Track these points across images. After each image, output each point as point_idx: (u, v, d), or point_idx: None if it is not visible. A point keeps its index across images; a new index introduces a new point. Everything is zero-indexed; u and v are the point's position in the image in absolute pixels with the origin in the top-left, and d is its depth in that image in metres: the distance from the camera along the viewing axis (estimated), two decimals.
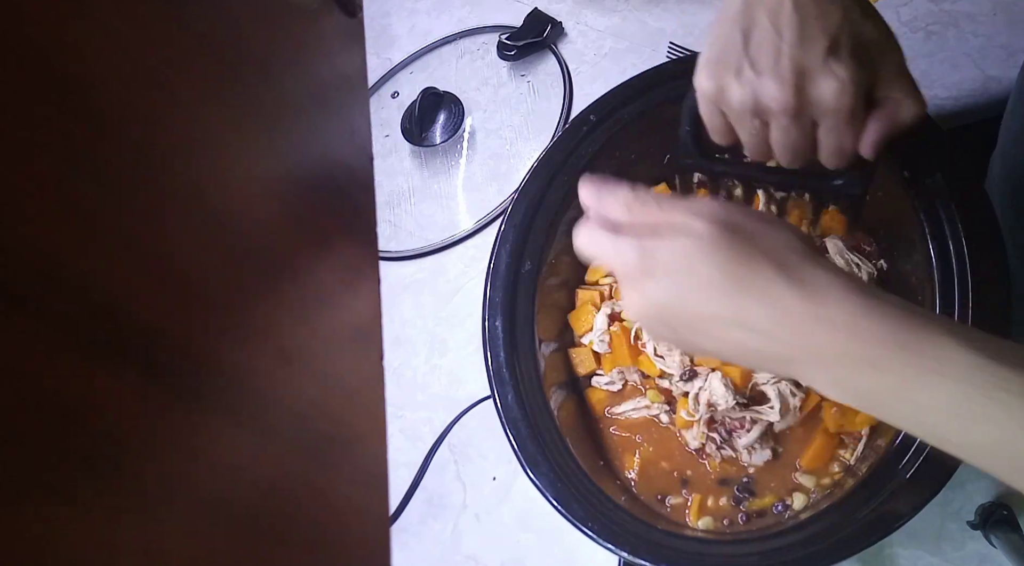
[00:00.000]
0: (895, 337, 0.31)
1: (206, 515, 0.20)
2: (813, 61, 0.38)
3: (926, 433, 0.31)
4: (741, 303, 0.34)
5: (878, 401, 0.32)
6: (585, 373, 0.61)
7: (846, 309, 0.33)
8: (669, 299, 0.36)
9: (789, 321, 0.33)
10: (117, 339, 0.17)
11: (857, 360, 0.32)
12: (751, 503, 0.54)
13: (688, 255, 0.35)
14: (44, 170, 0.15)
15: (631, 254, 0.36)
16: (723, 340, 0.35)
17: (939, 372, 0.30)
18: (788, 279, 0.34)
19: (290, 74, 0.28)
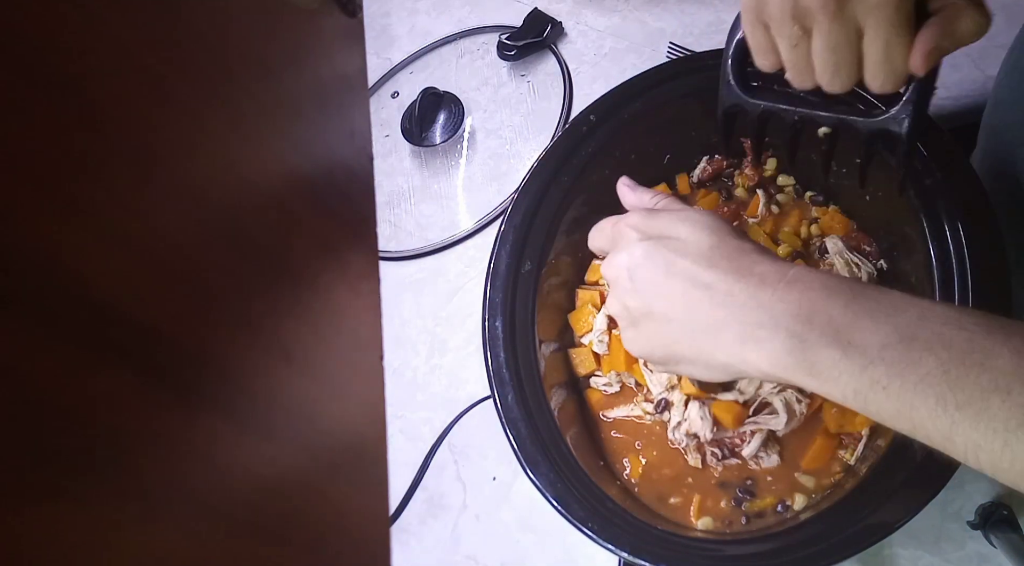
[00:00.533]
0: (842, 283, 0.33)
1: (206, 515, 0.20)
2: None
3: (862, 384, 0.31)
4: (710, 258, 0.37)
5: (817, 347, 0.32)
6: (585, 373, 0.61)
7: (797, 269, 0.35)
8: (647, 249, 0.39)
9: (751, 278, 0.35)
10: (117, 339, 0.17)
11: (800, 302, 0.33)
12: (752, 504, 0.54)
13: (683, 216, 0.39)
14: (43, 170, 0.15)
15: (637, 213, 0.41)
16: (678, 301, 0.37)
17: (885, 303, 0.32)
18: (762, 252, 0.37)
19: (290, 74, 0.28)
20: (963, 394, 0.28)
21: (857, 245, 0.59)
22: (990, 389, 0.27)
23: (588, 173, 0.60)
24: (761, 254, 0.37)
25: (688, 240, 0.38)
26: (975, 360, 0.28)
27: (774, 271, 0.35)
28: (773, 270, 0.35)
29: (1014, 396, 0.27)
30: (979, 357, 0.28)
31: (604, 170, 0.61)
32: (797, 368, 0.33)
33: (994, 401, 0.27)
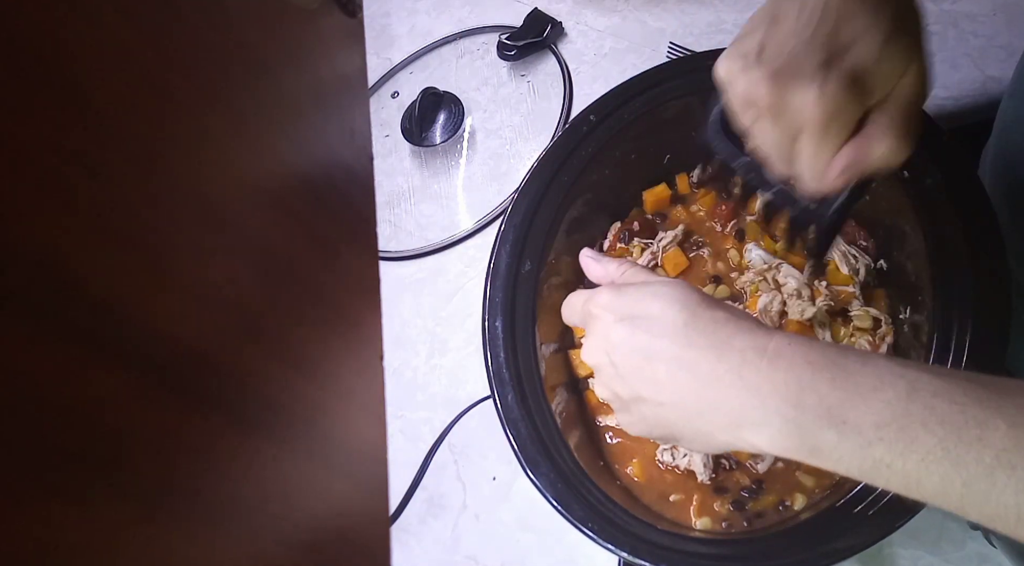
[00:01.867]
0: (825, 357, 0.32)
1: (205, 515, 0.20)
2: (806, 65, 0.36)
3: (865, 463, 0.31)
4: (687, 337, 0.36)
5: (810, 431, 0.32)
6: (585, 375, 0.61)
7: (777, 340, 0.34)
8: (623, 333, 0.38)
9: (723, 351, 0.35)
10: (118, 339, 0.17)
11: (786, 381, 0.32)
12: (753, 504, 0.54)
13: (653, 291, 0.38)
14: (44, 170, 0.15)
15: (605, 292, 0.41)
16: (665, 385, 0.36)
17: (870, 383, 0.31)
18: (731, 321, 0.36)
19: (290, 74, 0.28)
20: (967, 472, 0.28)
21: (854, 240, 0.59)
22: (994, 466, 0.27)
23: (588, 173, 0.60)
24: (736, 324, 0.36)
25: (661, 318, 0.37)
26: (973, 435, 0.28)
27: (753, 346, 0.34)
28: (752, 345, 0.34)
29: (1018, 471, 0.27)
30: (976, 432, 0.28)
31: (604, 170, 0.61)
32: (798, 451, 0.33)
33: (1000, 478, 0.27)
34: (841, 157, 0.37)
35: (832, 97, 0.35)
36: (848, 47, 0.35)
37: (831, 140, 0.37)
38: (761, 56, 0.37)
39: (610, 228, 0.65)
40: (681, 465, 0.56)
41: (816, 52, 0.35)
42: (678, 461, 0.56)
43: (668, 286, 0.38)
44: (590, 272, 0.47)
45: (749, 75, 0.38)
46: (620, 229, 0.64)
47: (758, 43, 0.38)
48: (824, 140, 0.37)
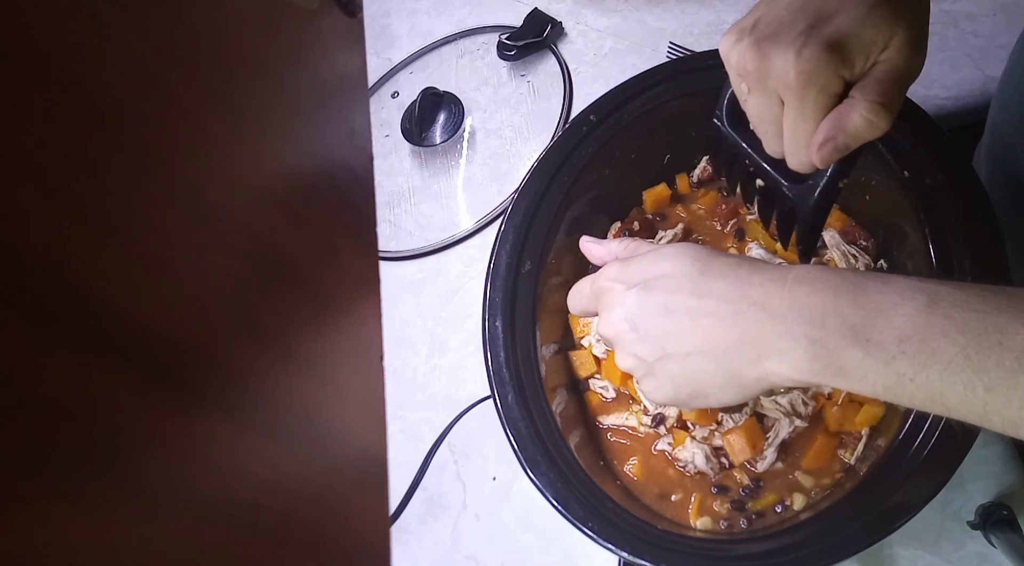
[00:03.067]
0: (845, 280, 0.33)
1: (205, 515, 0.20)
2: (789, 31, 0.36)
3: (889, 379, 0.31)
4: (705, 285, 0.36)
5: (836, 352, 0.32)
6: (585, 376, 0.61)
7: (797, 269, 0.34)
8: (638, 298, 0.38)
9: (744, 289, 0.35)
10: (117, 339, 0.17)
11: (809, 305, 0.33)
12: (752, 504, 0.54)
13: (660, 254, 0.39)
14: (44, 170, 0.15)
15: (613, 266, 0.41)
16: (689, 334, 0.36)
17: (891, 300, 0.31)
18: (745, 261, 0.37)
19: (290, 74, 0.28)
20: (989, 377, 0.28)
21: (854, 240, 0.59)
22: (1015, 368, 0.28)
23: (588, 173, 0.60)
24: (751, 264, 0.36)
25: (675, 274, 0.37)
26: (993, 340, 0.28)
27: (773, 278, 0.35)
28: (772, 277, 0.35)
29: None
30: (996, 337, 0.28)
31: (604, 170, 0.61)
32: (825, 372, 0.33)
33: (1021, 381, 0.28)
34: (822, 127, 0.37)
35: (809, 59, 0.35)
36: (833, 15, 0.35)
37: (811, 106, 0.36)
38: (755, 29, 0.38)
39: (610, 228, 0.65)
40: (681, 458, 0.56)
41: (801, 20, 0.36)
42: (677, 453, 0.56)
43: (675, 246, 0.39)
44: (592, 254, 0.47)
45: (741, 46, 0.38)
46: (620, 229, 0.64)
47: (755, 17, 0.38)
48: (804, 105, 0.36)
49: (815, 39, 0.35)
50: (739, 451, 0.54)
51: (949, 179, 0.49)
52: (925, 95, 0.67)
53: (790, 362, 0.34)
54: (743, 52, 0.38)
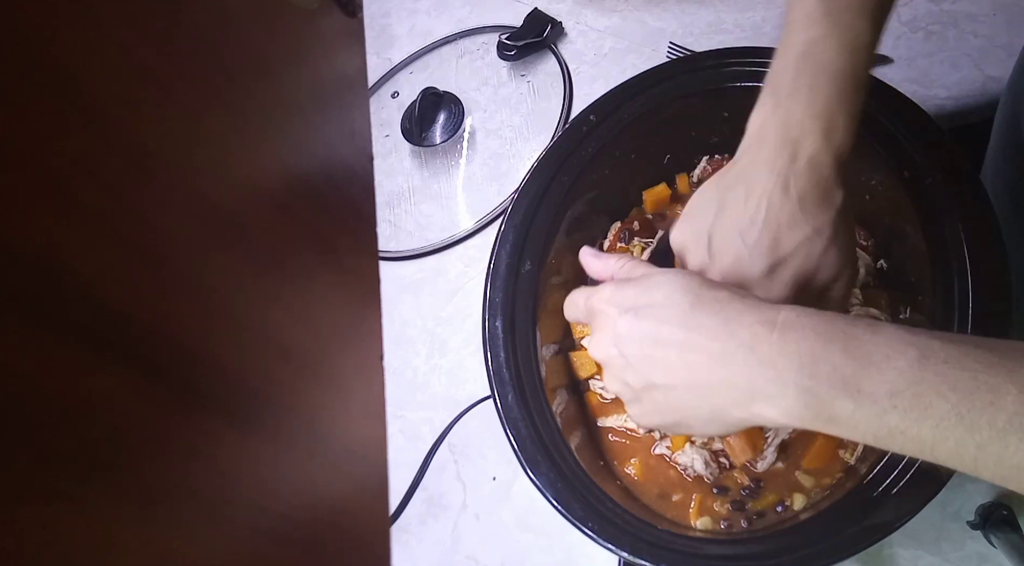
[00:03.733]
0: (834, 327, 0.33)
1: (205, 515, 0.20)
2: (755, 272, 0.40)
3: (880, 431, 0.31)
4: (695, 318, 0.36)
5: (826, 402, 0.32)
6: (586, 377, 0.61)
7: (786, 312, 0.34)
8: (629, 324, 0.38)
9: (733, 328, 0.35)
10: (117, 339, 0.17)
11: (798, 353, 0.33)
12: (752, 503, 0.54)
13: (655, 281, 0.38)
14: (44, 170, 0.15)
15: (607, 287, 0.41)
16: (677, 368, 0.36)
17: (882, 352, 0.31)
18: (736, 298, 0.36)
19: (290, 74, 0.28)
20: (981, 436, 0.29)
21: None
22: (1006, 429, 0.28)
23: (588, 173, 0.60)
24: (742, 301, 0.36)
25: (666, 304, 0.37)
26: (985, 400, 0.28)
27: (762, 320, 0.34)
28: (761, 319, 0.34)
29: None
30: (988, 396, 0.28)
31: (604, 170, 0.61)
32: (815, 419, 0.33)
33: (1012, 441, 0.28)
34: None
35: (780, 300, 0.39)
36: (788, 257, 0.40)
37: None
38: (711, 247, 0.42)
39: (610, 228, 0.65)
40: (681, 462, 0.56)
41: (760, 260, 0.40)
42: (677, 457, 0.56)
43: (669, 275, 0.39)
44: (590, 269, 0.47)
45: (699, 258, 0.43)
46: (620, 228, 0.64)
47: (707, 228, 0.42)
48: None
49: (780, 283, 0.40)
50: (739, 452, 0.54)
51: (949, 179, 0.49)
52: (925, 95, 0.67)
53: (779, 408, 0.33)
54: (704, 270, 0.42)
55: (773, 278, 0.40)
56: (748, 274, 0.40)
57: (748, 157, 0.41)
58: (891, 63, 0.69)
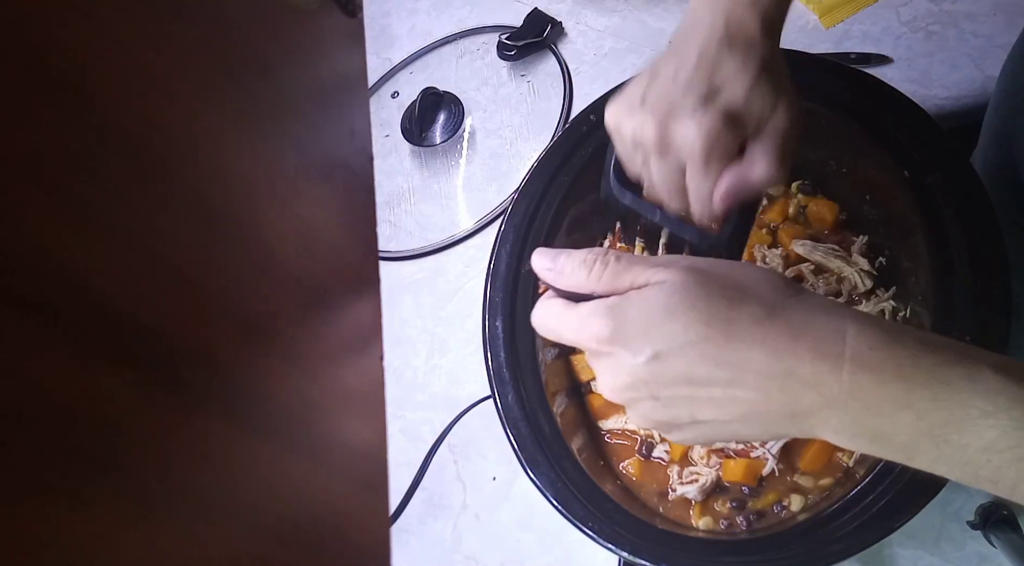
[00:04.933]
0: (919, 368, 0.28)
1: (205, 515, 0.20)
2: (685, 104, 0.39)
3: (966, 475, 0.28)
4: (735, 354, 0.30)
5: (907, 444, 0.29)
6: (587, 380, 0.61)
7: (853, 342, 0.29)
8: (651, 370, 0.31)
9: (789, 363, 0.30)
10: (117, 339, 0.17)
11: (876, 398, 0.28)
12: (753, 503, 0.54)
13: (660, 305, 0.31)
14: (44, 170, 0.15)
15: (597, 321, 0.33)
16: (726, 405, 0.31)
17: (980, 407, 0.27)
18: (776, 317, 0.30)
19: (290, 74, 0.28)
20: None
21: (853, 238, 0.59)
22: None
23: (588, 173, 0.60)
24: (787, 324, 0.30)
25: (690, 341, 0.31)
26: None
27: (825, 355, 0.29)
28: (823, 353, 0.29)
29: None
30: None
31: None
32: (891, 456, 0.30)
33: None
34: (723, 181, 0.40)
35: (709, 128, 0.39)
36: (719, 89, 0.40)
37: (712, 166, 0.40)
38: (644, 102, 0.41)
39: (610, 227, 0.65)
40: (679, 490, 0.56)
41: (692, 94, 0.40)
42: (681, 490, 0.56)
43: (667, 291, 0.32)
44: (549, 279, 0.36)
45: (634, 119, 0.41)
46: (621, 227, 0.64)
47: (641, 92, 0.41)
48: (707, 167, 0.40)
49: (712, 110, 0.39)
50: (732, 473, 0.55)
51: (949, 178, 0.49)
52: (925, 95, 0.67)
53: (847, 442, 0.30)
54: (640, 125, 0.41)
55: (707, 108, 0.39)
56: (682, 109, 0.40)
57: (680, 33, 0.42)
58: (891, 63, 0.69)
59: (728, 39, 0.40)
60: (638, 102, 0.41)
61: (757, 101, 0.40)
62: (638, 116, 0.41)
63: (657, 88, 0.41)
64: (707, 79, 0.40)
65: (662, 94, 0.41)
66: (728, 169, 0.40)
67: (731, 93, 0.40)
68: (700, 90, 0.40)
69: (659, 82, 0.41)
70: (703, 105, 0.39)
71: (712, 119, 0.39)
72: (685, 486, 0.55)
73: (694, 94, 0.39)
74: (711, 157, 0.39)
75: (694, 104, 0.39)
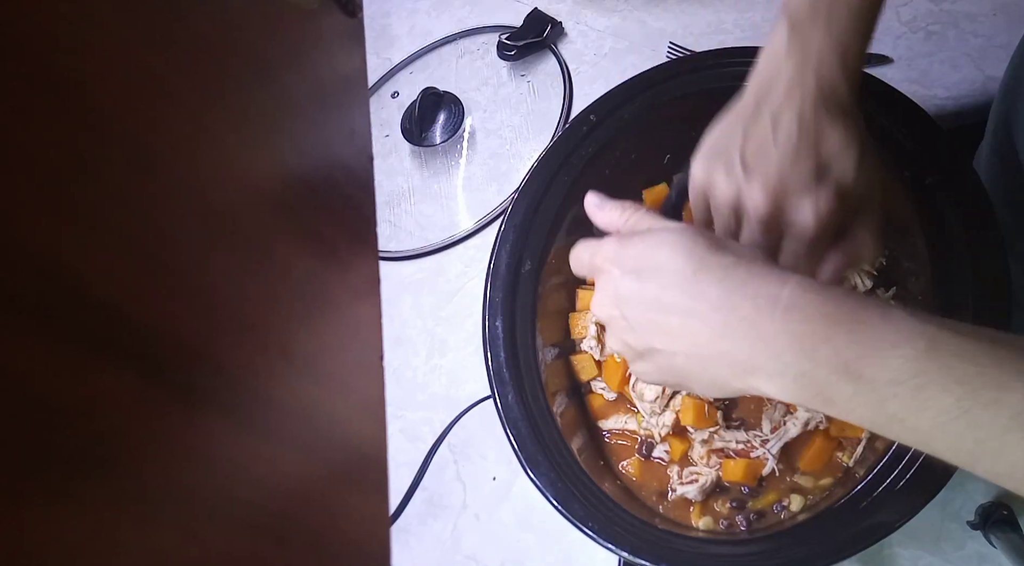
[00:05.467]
0: (841, 309, 0.32)
1: (205, 515, 0.20)
2: (799, 179, 0.39)
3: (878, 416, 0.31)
4: (698, 286, 0.35)
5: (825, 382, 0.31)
6: (587, 379, 0.61)
7: (792, 289, 0.33)
8: (631, 287, 0.37)
9: (736, 300, 0.34)
10: (117, 339, 0.17)
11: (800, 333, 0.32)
12: (753, 503, 0.54)
13: (657, 240, 0.37)
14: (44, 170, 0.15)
15: (610, 244, 0.39)
16: (678, 335, 0.36)
17: (888, 339, 0.30)
18: (740, 266, 0.35)
19: (290, 74, 0.28)
20: (980, 432, 0.28)
21: None
22: (1008, 427, 0.28)
23: (588, 173, 0.60)
24: (747, 269, 0.35)
25: (669, 268, 0.36)
26: (990, 397, 0.28)
27: (766, 294, 0.33)
28: (765, 293, 0.33)
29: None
30: (993, 393, 0.28)
31: (604, 170, 0.61)
32: (812, 400, 0.32)
33: (1011, 439, 0.28)
34: (831, 262, 0.42)
35: (827, 212, 0.39)
36: (829, 165, 0.39)
37: (822, 247, 0.41)
38: (746, 167, 0.41)
39: None
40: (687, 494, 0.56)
41: (803, 168, 0.39)
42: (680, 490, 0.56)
43: (673, 233, 0.37)
44: (595, 219, 0.45)
45: (734, 182, 0.41)
46: None
47: (737, 152, 0.41)
48: (817, 248, 0.41)
49: (826, 190, 0.39)
50: (732, 473, 0.55)
51: (949, 178, 0.49)
52: (925, 95, 0.67)
53: (777, 386, 0.33)
54: (746, 194, 0.41)
55: (820, 184, 0.39)
56: (793, 181, 0.39)
57: (764, 86, 0.41)
58: (891, 63, 0.69)
59: (824, 102, 0.39)
60: (737, 164, 0.41)
61: (863, 179, 0.40)
62: (740, 182, 0.41)
63: (757, 151, 0.40)
64: (813, 150, 0.39)
65: (766, 162, 0.40)
66: (834, 249, 0.41)
67: (842, 171, 0.39)
68: (810, 164, 0.39)
69: (757, 144, 0.40)
70: (817, 183, 0.39)
71: (827, 201, 0.39)
72: (685, 486, 0.55)
73: (805, 169, 0.39)
74: (822, 239, 0.40)
75: (807, 181, 0.39)
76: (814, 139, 0.39)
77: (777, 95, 0.40)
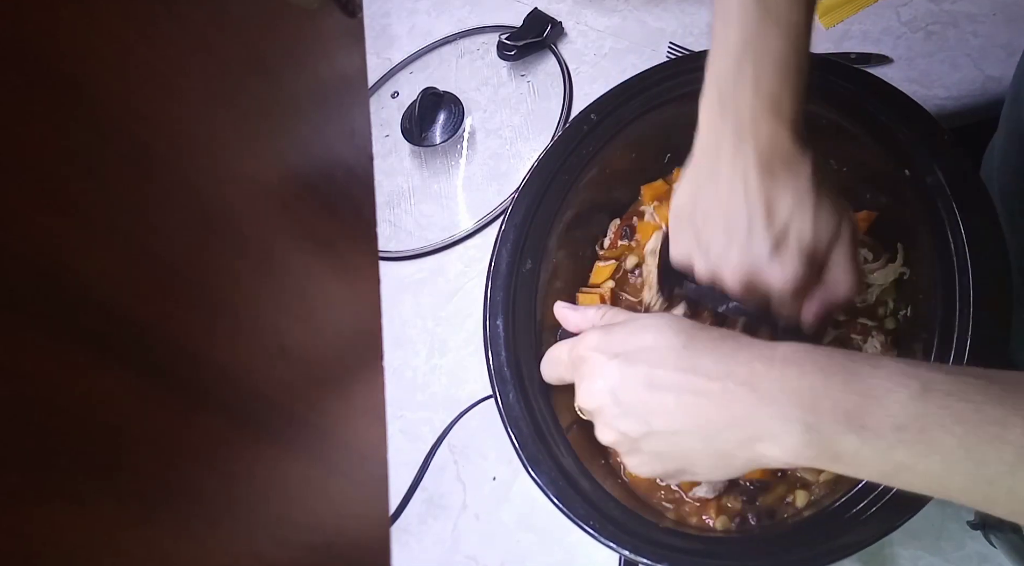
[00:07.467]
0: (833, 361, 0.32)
1: (205, 515, 0.20)
2: (760, 257, 0.41)
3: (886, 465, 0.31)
4: (690, 360, 0.35)
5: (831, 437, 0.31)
6: None
7: (783, 349, 0.34)
8: (621, 370, 0.37)
9: (730, 366, 0.34)
10: (117, 339, 0.17)
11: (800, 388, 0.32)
12: (762, 499, 0.54)
13: (641, 325, 0.38)
14: (44, 170, 0.15)
15: (592, 334, 0.39)
16: (676, 412, 0.35)
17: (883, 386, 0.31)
18: (728, 338, 0.36)
19: (290, 74, 0.28)
20: (989, 470, 0.28)
21: None
22: (1016, 463, 0.28)
23: (588, 172, 0.60)
24: (735, 340, 0.36)
25: (657, 347, 0.36)
26: (992, 433, 0.28)
27: (760, 357, 0.34)
28: (758, 355, 0.34)
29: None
30: (995, 430, 0.28)
31: (604, 169, 0.61)
32: (819, 457, 0.32)
33: (1022, 476, 0.28)
34: (812, 306, 0.43)
35: (793, 275, 0.41)
36: (786, 231, 0.40)
37: (800, 298, 0.43)
38: (708, 252, 0.43)
39: (609, 225, 0.65)
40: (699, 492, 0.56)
41: (762, 241, 0.40)
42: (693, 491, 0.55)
43: (656, 318, 0.38)
44: (568, 322, 0.46)
45: (711, 268, 0.43)
46: (620, 226, 0.65)
47: (704, 240, 0.43)
48: (795, 302, 0.43)
49: (787, 256, 0.40)
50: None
51: (949, 179, 0.49)
52: (925, 95, 0.67)
53: (784, 446, 0.33)
54: (718, 277, 0.43)
55: (782, 254, 0.40)
56: (757, 259, 0.40)
57: (709, 154, 0.42)
58: (891, 63, 0.69)
59: (767, 166, 0.40)
60: (705, 248, 0.43)
61: (823, 228, 0.40)
62: (713, 269, 0.43)
63: (715, 234, 0.42)
64: (766, 219, 0.40)
65: (727, 252, 0.41)
66: (813, 293, 0.42)
67: (799, 230, 0.40)
68: (767, 241, 0.40)
69: (714, 226, 0.42)
70: (778, 252, 0.40)
71: (791, 267, 0.40)
72: (697, 486, 0.55)
73: (762, 247, 0.40)
74: (798, 295, 0.42)
75: (768, 255, 0.40)
76: (764, 210, 0.40)
77: (720, 165, 0.41)
